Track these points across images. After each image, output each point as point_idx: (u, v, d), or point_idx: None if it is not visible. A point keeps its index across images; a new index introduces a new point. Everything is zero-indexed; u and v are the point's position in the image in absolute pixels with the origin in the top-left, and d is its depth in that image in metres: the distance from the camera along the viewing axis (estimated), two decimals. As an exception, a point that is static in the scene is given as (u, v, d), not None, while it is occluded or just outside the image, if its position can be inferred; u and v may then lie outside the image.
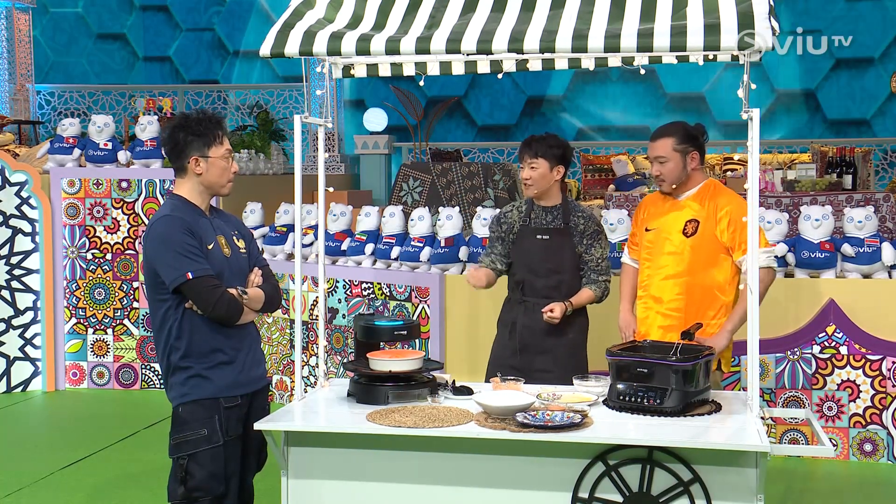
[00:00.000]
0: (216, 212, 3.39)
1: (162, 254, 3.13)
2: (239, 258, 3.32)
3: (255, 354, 3.35)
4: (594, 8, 3.20)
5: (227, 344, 3.22)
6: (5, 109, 11.08)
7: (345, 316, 6.23)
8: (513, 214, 4.25)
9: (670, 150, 3.93)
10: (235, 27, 13.14)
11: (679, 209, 3.97)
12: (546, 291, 4.11)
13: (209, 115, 3.28)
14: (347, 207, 6.59)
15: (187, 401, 3.17)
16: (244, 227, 3.50)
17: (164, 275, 3.13)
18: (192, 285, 3.10)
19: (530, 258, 4.14)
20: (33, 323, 7.06)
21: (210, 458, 3.14)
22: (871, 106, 11.52)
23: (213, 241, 3.23)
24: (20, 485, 4.91)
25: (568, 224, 4.14)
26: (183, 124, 3.24)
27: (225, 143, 3.28)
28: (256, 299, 3.28)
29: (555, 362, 4.07)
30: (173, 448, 3.19)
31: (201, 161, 3.23)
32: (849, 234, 5.38)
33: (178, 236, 3.12)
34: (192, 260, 3.11)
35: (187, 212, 3.23)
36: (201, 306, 3.14)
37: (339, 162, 11.38)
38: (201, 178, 3.25)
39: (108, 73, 13.27)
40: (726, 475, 2.95)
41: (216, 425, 3.16)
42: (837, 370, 5.24)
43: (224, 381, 3.20)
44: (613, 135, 12.13)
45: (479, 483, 3.08)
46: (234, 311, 3.19)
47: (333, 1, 3.42)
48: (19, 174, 7.03)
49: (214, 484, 3.15)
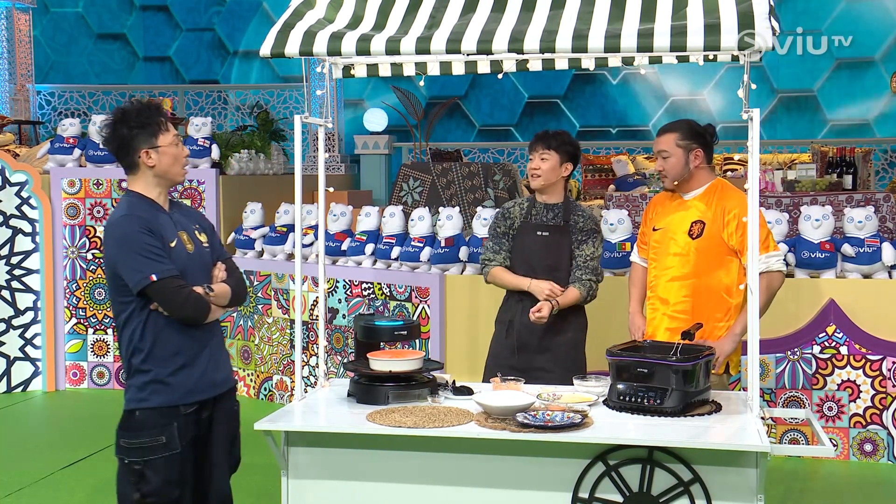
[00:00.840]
0: (176, 206, 3.27)
1: (123, 256, 3.03)
2: (202, 253, 3.22)
3: (218, 357, 3.24)
4: (594, 8, 3.20)
5: (190, 346, 3.11)
6: (5, 109, 11.08)
7: (345, 316, 6.23)
8: (515, 210, 4.25)
9: (673, 145, 3.91)
10: (235, 27, 13.14)
11: (685, 209, 3.94)
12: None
13: (147, 104, 3.14)
14: (347, 207, 6.59)
15: (145, 406, 3.07)
16: (205, 219, 3.39)
17: (127, 278, 3.03)
18: (157, 287, 3.01)
19: (530, 255, 4.14)
20: (33, 323, 7.06)
21: (166, 465, 3.06)
22: (871, 106, 11.52)
23: (174, 238, 3.12)
24: (21, 484, 4.91)
25: (568, 222, 4.14)
26: (123, 119, 3.11)
27: (171, 129, 3.15)
28: (223, 295, 3.19)
29: (554, 361, 4.06)
30: (125, 450, 3.09)
31: (151, 152, 3.10)
32: (849, 235, 5.38)
33: (137, 237, 3.02)
34: (155, 261, 3.01)
35: (145, 209, 3.11)
36: (168, 308, 3.04)
37: (339, 162, 11.38)
38: (154, 169, 3.12)
39: (109, 73, 13.27)
40: (726, 475, 2.95)
41: (174, 432, 3.07)
42: (838, 370, 5.24)
43: (184, 388, 3.10)
44: (613, 135, 12.14)
45: (480, 483, 3.08)
46: (202, 309, 3.10)
47: (333, 1, 3.42)
48: (19, 174, 7.03)
49: (170, 489, 3.08)
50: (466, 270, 5.93)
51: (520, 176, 8.53)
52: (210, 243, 3.29)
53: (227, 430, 3.27)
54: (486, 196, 7.91)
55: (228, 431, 3.28)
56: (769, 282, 3.83)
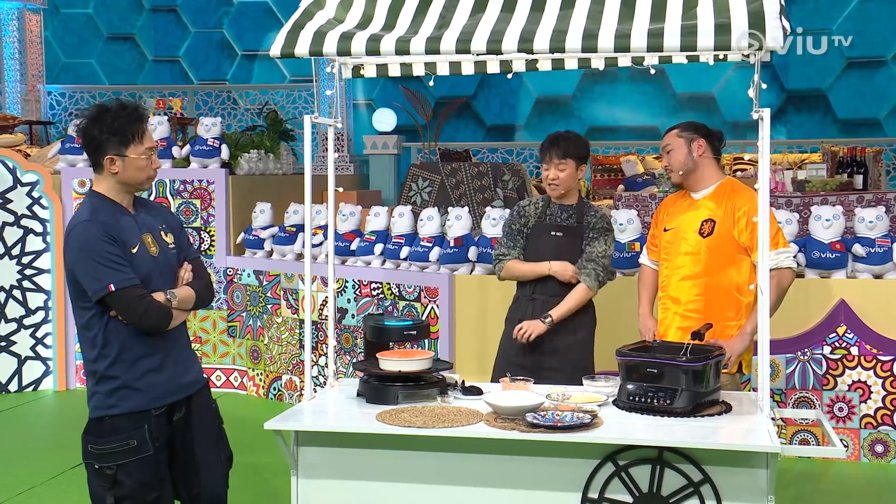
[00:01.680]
0: (142, 204, 3.16)
1: (82, 264, 2.93)
2: (168, 255, 3.12)
3: (186, 357, 3.16)
4: (604, 8, 3.19)
5: (154, 350, 3.04)
6: (17, 110, 11.13)
7: (354, 316, 6.24)
8: (530, 209, 4.25)
9: (674, 138, 3.96)
10: (244, 28, 13.18)
11: (696, 208, 3.94)
12: (557, 289, 4.11)
13: (128, 110, 3.02)
14: (357, 207, 6.59)
15: (115, 413, 3.00)
16: (172, 216, 3.29)
17: (86, 285, 2.94)
18: (116, 297, 2.92)
19: (543, 255, 4.14)
20: (44, 322, 7.09)
21: (140, 467, 2.99)
22: (882, 106, 11.47)
23: (137, 243, 3.03)
24: (31, 483, 4.93)
25: (581, 223, 4.14)
26: (98, 118, 3.00)
27: (146, 141, 3.03)
28: (186, 300, 3.10)
29: (564, 361, 4.07)
30: (94, 455, 3.02)
31: (117, 160, 2.99)
32: (860, 235, 5.36)
33: (97, 245, 2.92)
34: (115, 270, 2.92)
35: (108, 212, 3.01)
36: (127, 318, 2.95)
37: (348, 162, 11.39)
38: (117, 176, 3.02)
39: (118, 73, 13.32)
40: (737, 476, 2.94)
41: (145, 434, 2.99)
42: (848, 371, 5.22)
43: (154, 392, 3.03)
44: (623, 135, 12.11)
45: (489, 483, 3.08)
46: (163, 318, 3.01)
47: (343, 1, 3.43)
48: (30, 174, 7.06)
49: (145, 491, 3.02)
50: (476, 270, 5.93)
51: (529, 175, 8.52)
52: (177, 243, 3.18)
53: (208, 428, 3.21)
54: (495, 196, 7.91)
55: (210, 429, 3.22)
56: (779, 279, 3.82)
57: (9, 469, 5.18)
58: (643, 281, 4.23)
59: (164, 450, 3.08)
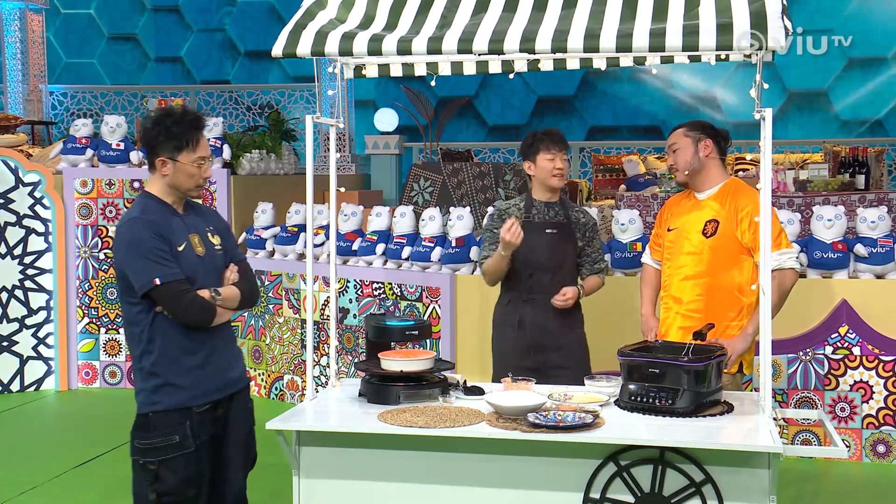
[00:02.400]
0: (191, 207, 3.28)
1: (130, 259, 3.05)
2: (214, 256, 3.22)
3: (230, 356, 3.25)
4: (606, 7, 3.19)
5: (199, 347, 3.12)
6: (19, 110, 11.14)
7: (356, 316, 6.24)
8: (512, 211, 4.25)
9: (681, 137, 3.96)
10: (246, 28, 13.18)
11: (700, 209, 3.93)
12: (554, 287, 4.13)
13: (189, 117, 3.14)
14: (358, 207, 6.59)
15: (158, 409, 3.08)
16: (221, 220, 3.41)
17: (133, 280, 3.05)
18: (161, 291, 3.02)
19: (538, 254, 4.14)
20: (46, 322, 7.09)
21: (182, 463, 3.07)
22: (883, 105, 11.46)
23: (184, 242, 3.13)
24: (34, 483, 4.93)
25: (570, 218, 4.21)
26: (159, 121, 3.13)
27: (199, 150, 3.15)
28: (231, 298, 3.19)
29: (568, 358, 4.12)
30: (139, 451, 3.11)
31: (168, 163, 3.13)
32: (862, 235, 5.35)
33: (146, 241, 3.03)
34: (161, 265, 3.02)
35: (158, 212, 3.13)
36: (172, 312, 3.05)
37: (349, 162, 11.39)
38: (167, 179, 3.15)
39: (121, 73, 13.33)
40: (738, 476, 2.94)
41: (188, 432, 3.08)
42: (850, 371, 5.21)
43: (197, 389, 3.11)
44: (624, 135, 12.11)
45: (491, 483, 3.08)
46: (207, 314, 3.10)
47: (345, 1, 3.43)
48: (32, 174, 7.07)
49: (186, 488, 3.09)
50: (477, 270, 5.93)
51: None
52: (224, 246, 3.29)
53: (241, 427, 3.29)
54: (496, 196, 7.91)
55: (242, 428, 3.29)
56: (781, 279, 3.81)
57: (10, 469, 5.19)
58: (645, 280, 4.22)
59: (208, 447, 3.16)
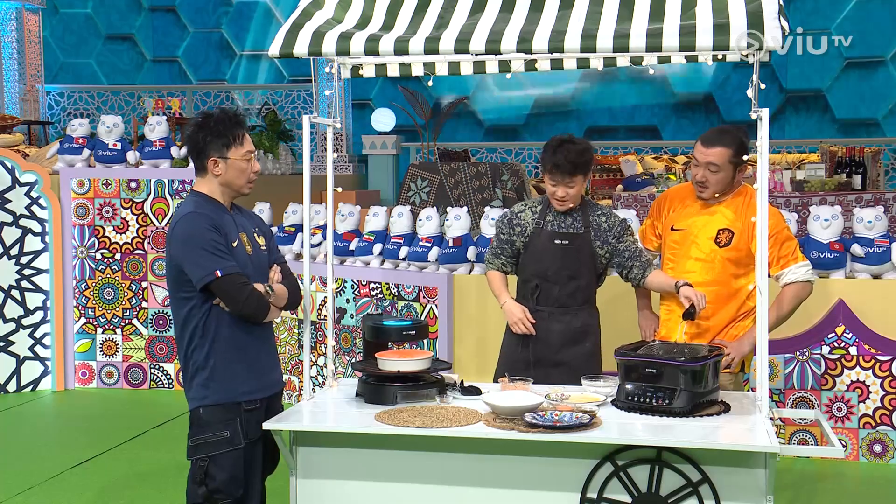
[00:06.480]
0: (237, 209, 3.36)
1: (188, 252, 3.10)
2: (260, 255, 3.31)
3: (273, 358, 3.35)
4: (603, 8, 3.19)
5: (249, 345, 3.20)
6: (15, 110, 11.13)
7: (353, 316, 6.24)
8: (526, 215, 3.95)
9: (726, 162, 3.74)
10: (243, 28, 13.18)
11: (710, 213, 3.83)
12: (563, 300, 3.88)
13: (230, 115, 3.23)
14: (356, 207, 6.59)
15: (208, 403, 3.15)
16: (264, 223, 3.48)
17: (192, 273, 3.10)
18: (222, 283, 3.08)
19: (546, 265, 3.87)
20: (43, 322, 7.08)
21: (231, 461, 3.14)
22: (880, 106, 11.49)
23: (236, 239, 3.21)
24: (30, 484, 4.93)
25: (589, 226, 3.89)
26: (202, 124, 3.20)
27: (245, 144, 3.24)
28: (281, 296, 3.28)
29: (569, 374, 3.80)
30: (192, 449, 3.17)
31: (220, 162, 3.20)
32: (858, 235, 5.36)
33: (204, 234, 3.10)
34: (220, 257, 3.09)
35: (211, 209, 3.20)
36: (231, 304, 3.12)
37: (347, 162, 11.40)
38: (220, 178, 3.22)
39: (117, 73, 13.33)
40: (735, 476, 2.94)
41: (238, 427, 3.14)
42: (847, 371, 5.22)
43: (245, 386, 3.18)
44: (621, 135, 12.12)
45: (488, 483, 3.08)
46: (262, 307, 3.17)
47: (342, 1, 3.43)
48: (29, 174, 7.06)
49: (234, 486, 3.15)
50: (474, 270, 5.93)
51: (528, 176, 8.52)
52: (267, 247, 3.37)
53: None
54: (494, 196, 7.91)
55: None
56: (797, 292, 3.80)
57: (8, 469, 5.18)
58: None
59: (257, 448, 3.21)
